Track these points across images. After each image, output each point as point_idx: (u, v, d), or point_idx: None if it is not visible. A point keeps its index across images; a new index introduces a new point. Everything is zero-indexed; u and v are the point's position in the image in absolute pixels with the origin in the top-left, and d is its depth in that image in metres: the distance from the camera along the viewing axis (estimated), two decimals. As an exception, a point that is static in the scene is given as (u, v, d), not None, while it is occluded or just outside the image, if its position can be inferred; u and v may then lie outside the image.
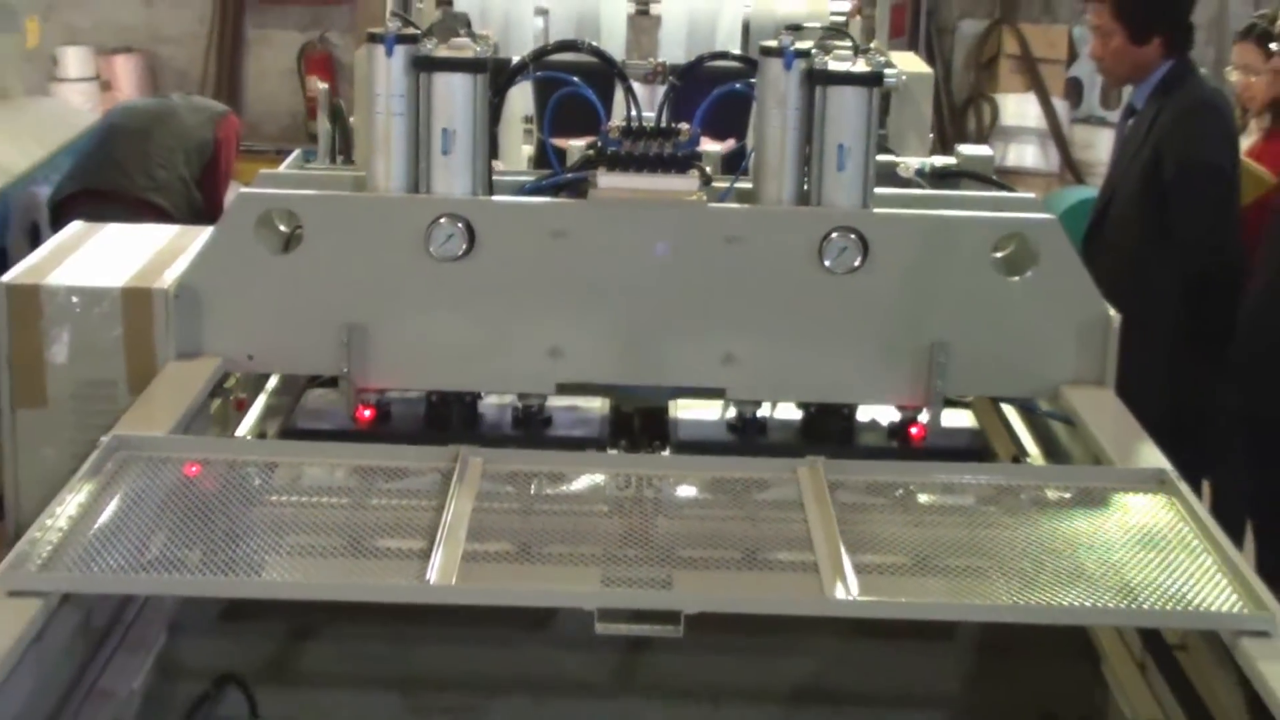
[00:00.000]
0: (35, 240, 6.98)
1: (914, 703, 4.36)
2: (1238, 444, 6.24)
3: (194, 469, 3.91)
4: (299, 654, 4.39)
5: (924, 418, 4.67)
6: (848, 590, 3.43)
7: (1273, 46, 6.13)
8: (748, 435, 4.75)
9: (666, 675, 4.33)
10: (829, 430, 4.72)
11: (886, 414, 4.80)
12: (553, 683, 4.33)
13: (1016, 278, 4.59)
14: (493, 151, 4.78)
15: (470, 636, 4.30)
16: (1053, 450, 4.65)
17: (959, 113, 14.54)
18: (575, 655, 4.29)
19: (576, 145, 4.85)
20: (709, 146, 4.83)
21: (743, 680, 4.34)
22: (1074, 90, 14.52)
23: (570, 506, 3.90)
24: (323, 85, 6.60)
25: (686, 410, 4.85)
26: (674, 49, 5.66)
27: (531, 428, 4.73)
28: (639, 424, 4.89)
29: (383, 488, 3.92)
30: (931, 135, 6.88)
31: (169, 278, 4.77)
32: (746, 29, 5.77)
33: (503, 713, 4.33)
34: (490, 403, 4.83)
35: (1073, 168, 14.08)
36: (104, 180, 8.24)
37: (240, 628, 4.30)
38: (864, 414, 4.80)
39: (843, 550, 3.57)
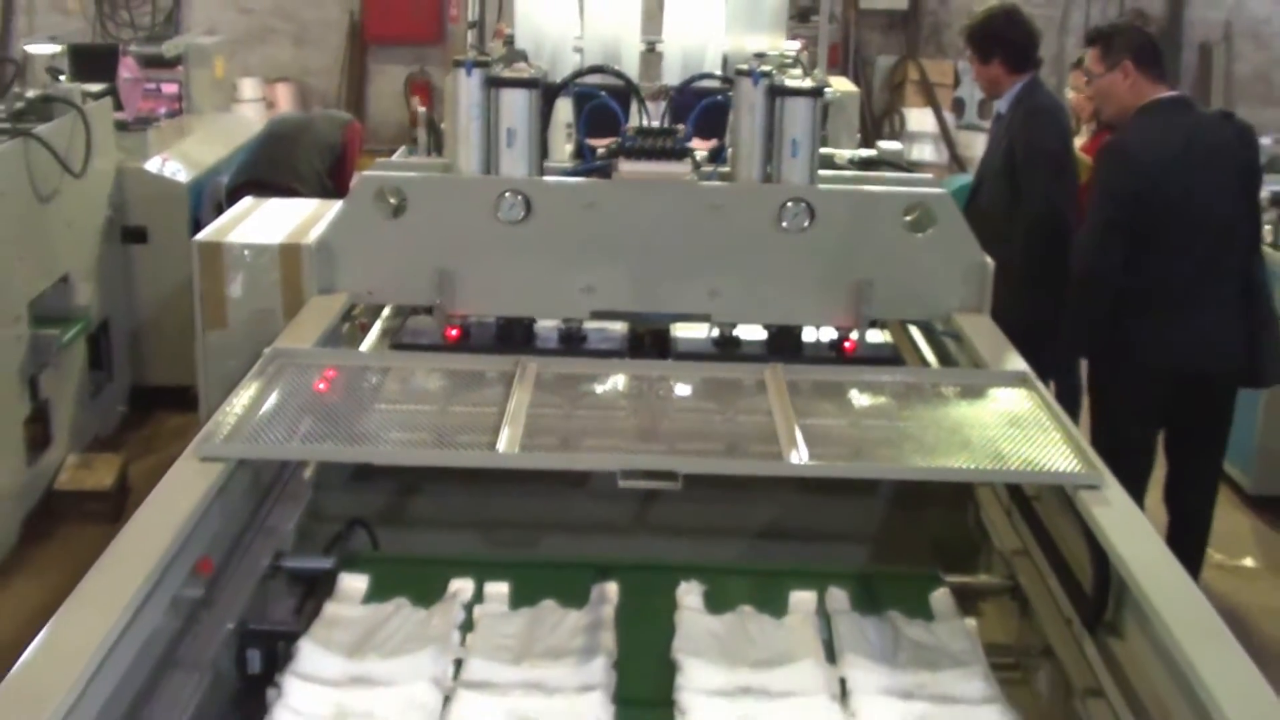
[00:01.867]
0: (219, 215, 6.96)
1: (845, 539, 4.36)
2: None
3: (331, 372, 3.89)
4: (406, 504, 4.38)
5: (854, 335, 4.65)
6: (800, 457, 3.41)
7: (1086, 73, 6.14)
8: (727, 348, 4.73)
9: (669, 520, 4.32)
10: (786, 345, 4.70)
11: (827, 334, 4.77)
12: (587, 525, 4.32)
13: (920, 234, 4.59)
14: (543, 148, 4.76)
15: (527, 492, 4.30)
16: (945, 358, 4.63)
17: (877, 121, 14.57)
18: (603, 505, 4.28)
19: (603, 143, 4.83)
20: (698, 145, 4.81)
21: (724, 523, 4.34)
22: (958, 106, 14.54)
23: (600, 398, 3.88)
24: (421, 109, 6.58)
25: (683, 331, 4.83)
26: (672, 76, 5.66)
27: (571, 343, 4.73)
28: (649, 341, 4.89)
29: (464, 385, 3.90)
30: (858, 136, 6.89)
31: (312, 236, 4.76)
32: (725, 60, 5.77)
33: (551, 546, 4.33)
34: (542, 325, 4.82)
35: (958, 161, 14.08)
36: (263, 173, 8.24)
37: (365, 485, 4.30)
38: (809, 334, 4.78)
39: (796, 429, 3.55)
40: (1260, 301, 5.58)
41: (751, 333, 4.79)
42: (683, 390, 3.97)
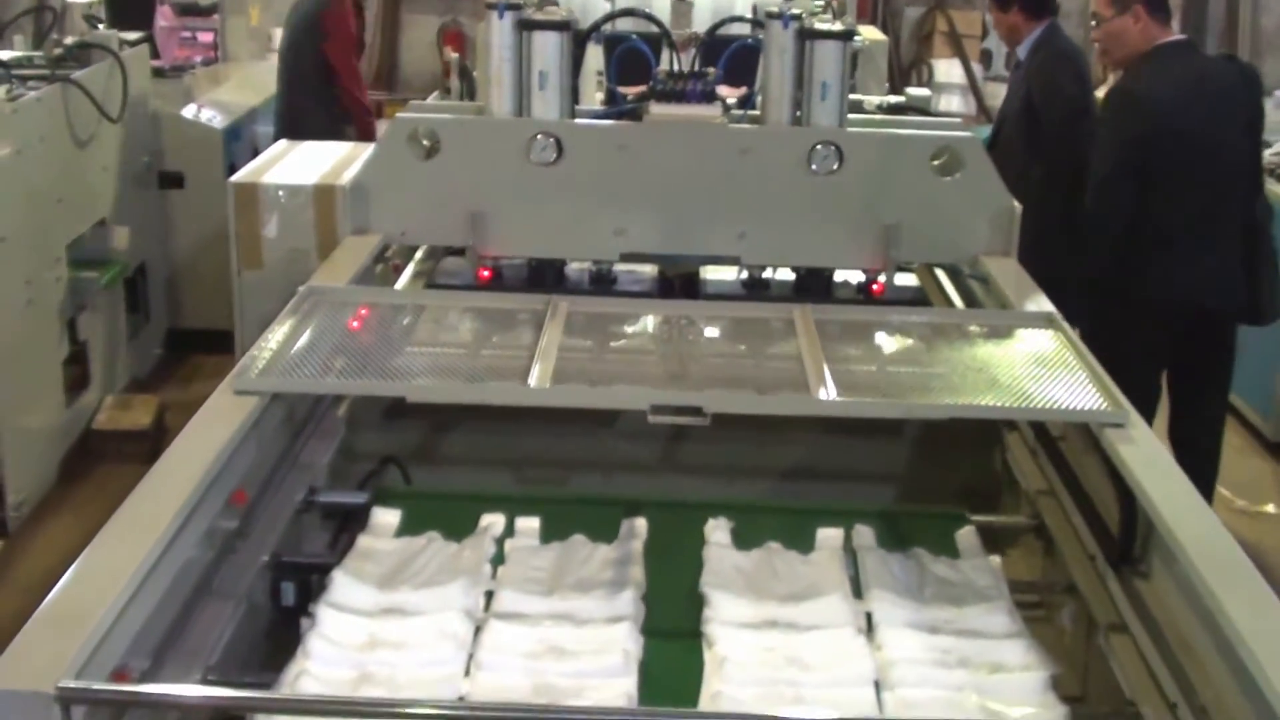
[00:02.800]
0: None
1: (872, 479, 4.34)
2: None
3: (364, 310, 3.88)
4: (439, 442, 4.38)
5: (882, 278, 4.63)
6: (828, 395, 3.39)
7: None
8: (756, 290, 4.72)
9: (697, 459, 4.31)
10: (814, 287, 4.68)
11: (855, 277, 4.75)
12: (616, 464, 4.32)
13: (948, 178, 4.57)
14: (575, 93, 4.73)
15: (558, 431, 4.29)
16: (972, 301, 4.60)
17: (905, 72, 14.45)
18: (632, 444, 4.27)
19: (633, 91, 4.80)
20: (728, 93, 4.78)
21: (751, 463, 4.33)
22: (986, 57, 14.43)
23: (630, 336, 3.87)
24: (454, 55, 6.57)
25: (712, 274, 4.83)
26: (702, 26, 5.64)
27: (602, 285, 4.72)
28: (678, 285, 4.87)
29: (496, 323, 3.88)
30: (886, 86, 6.87)
31: (346, 177, 4.76)
32: (755, 10, 5.74)
33: (581, 483, 4.32)
34: (572, 267, 4.81)
35: (986, 112, 13.94)
36: None
37: (397, 423, 4.29)
38: (838, 277, 4.76)
39: (825, 368, 3.53)
40: (1262, 240, 5.63)
41: (780, 276, 4.78)
42: (712, 329, 3.95)
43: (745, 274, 4.75)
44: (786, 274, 4.78)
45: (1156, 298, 5.53)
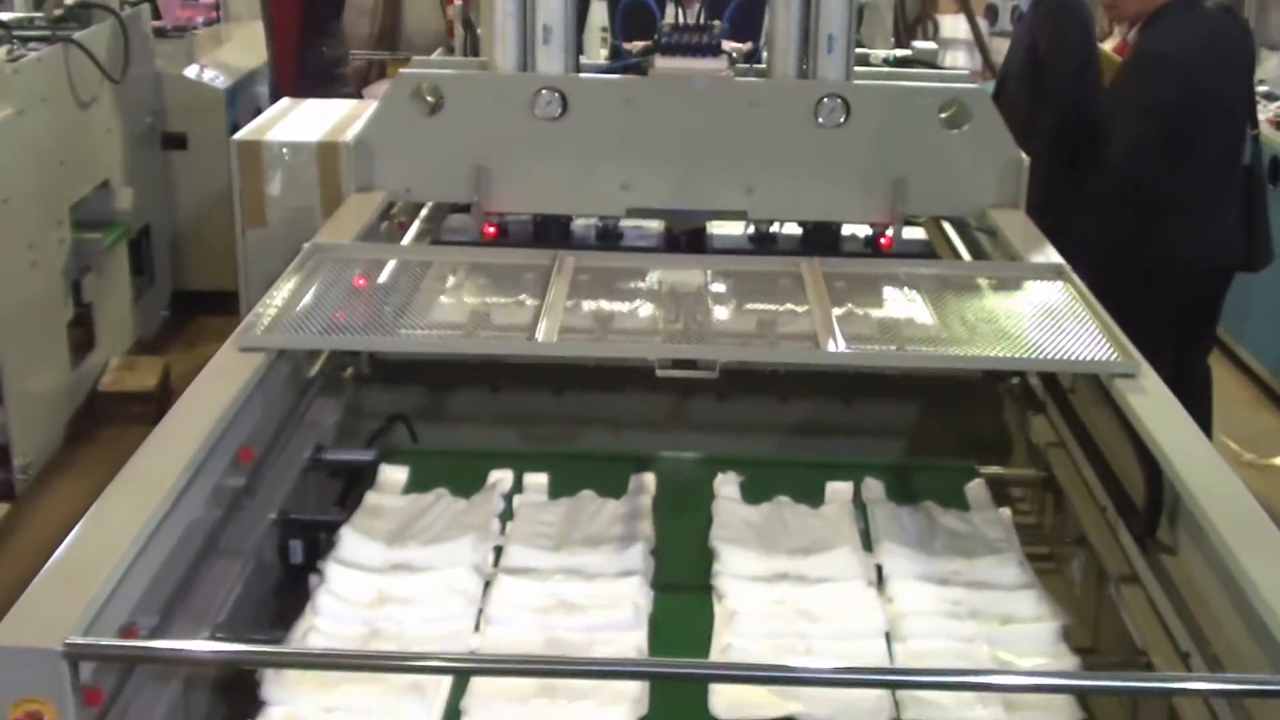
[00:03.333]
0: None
1: (879, 434, 4.32)
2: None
3: (369, 265, 3.86)
4: (446, 400, 4.36)
5: (890, 232, 4.59)
6: (836, 346, 3.37)
7: None
8: (763, 245, 4.70)
9: (705, 415, 4.29)
10: (821, 241, 4.65)
11: (863, 231, 4.72)
12: (625, 420, 4.30)
13: (956, 130, 4.53)
14: (579, 49, 4.70)
15: (566, 388, 4.27)
16: (980, 254, 4.57)
17: (911, 27, 14.35)
18: (640, 400, 4.25)
19: (638, 46, 4.76)
20: (734, 45, 4.75)
21: (760, 419, 4.31)
22: (991, 13, 14.34)
23: (637, 290, 3.84)
24: (458, 2, 6.52)
25: (719, 229, 4.80)
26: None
27: (608, 240, 4.69)
28: (685, 241, 4.85)
29: (502, 278, 3.86)
30: (892, 41, 6.83)
31: (350, 134, 4.72)
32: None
33: (589, 440, 4.30)
34: (579, 224, 4.78)
35: (991, 68, 13.84)
36: None
37: (405, 381, 4.27)
38: (846, 231, 4.73)
39: (833, 319, 3.51)
40: (1258, 187, 5.66)
41: (787, 231, 4.75)
42: (719, 283, 3.92)
43: (752, 229, 4.71)
44: (793, 229, 4.74)
45: (1172, 258, 5.51)
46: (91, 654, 2.24)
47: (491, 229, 4.59)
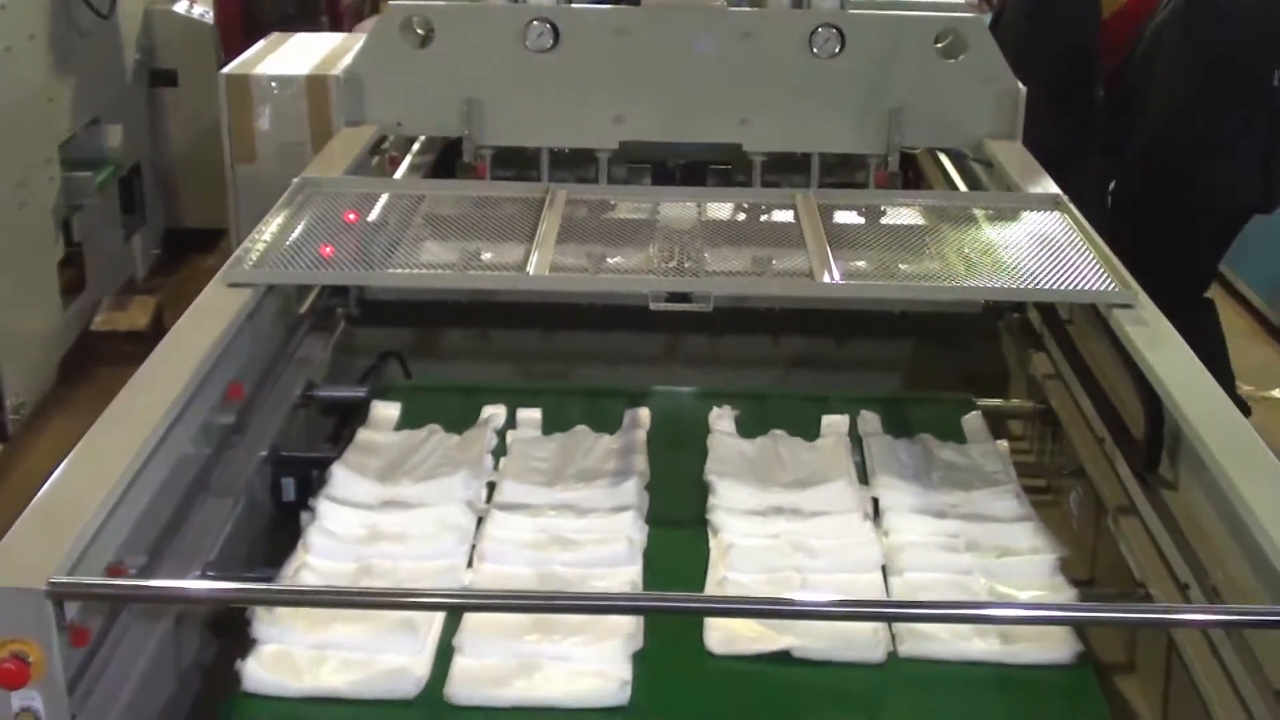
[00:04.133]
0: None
1: (876, 368, 4.29)
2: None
3: (360, 200, 3.81)
4: (439, 337, 4.33)
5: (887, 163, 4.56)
6: (832, 279, 3.33)
7: None
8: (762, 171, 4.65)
9: (700, 351, 4.27)
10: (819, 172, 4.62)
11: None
12: (619, 357, 4.27)
13: (952, 60, 4.49)
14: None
15: (559, 323, 4.24)
16: (976, 186, 4.52)
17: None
18: (634, 336, 4.22)
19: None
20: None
21: (755, 355, 4.28)
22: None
23: (630, 224, 3.79)
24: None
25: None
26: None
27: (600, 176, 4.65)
28: (679, 176, 4.81)
29: (494, 212, 3.80)
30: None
31: (340, 68, 4.66)
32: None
33: (586, 375, 4.27)
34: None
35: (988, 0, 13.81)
36: None
37: (397, 318, 4.23)
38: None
39: (829, 252, 3.47)
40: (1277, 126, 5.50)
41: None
42: (714, 215, 3.88)
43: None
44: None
45: (1210, 204, 5.45)
46: (76, 593, 2.21)
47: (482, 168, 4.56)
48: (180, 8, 7.71)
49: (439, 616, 2.64)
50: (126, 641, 2.46)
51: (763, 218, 3.87)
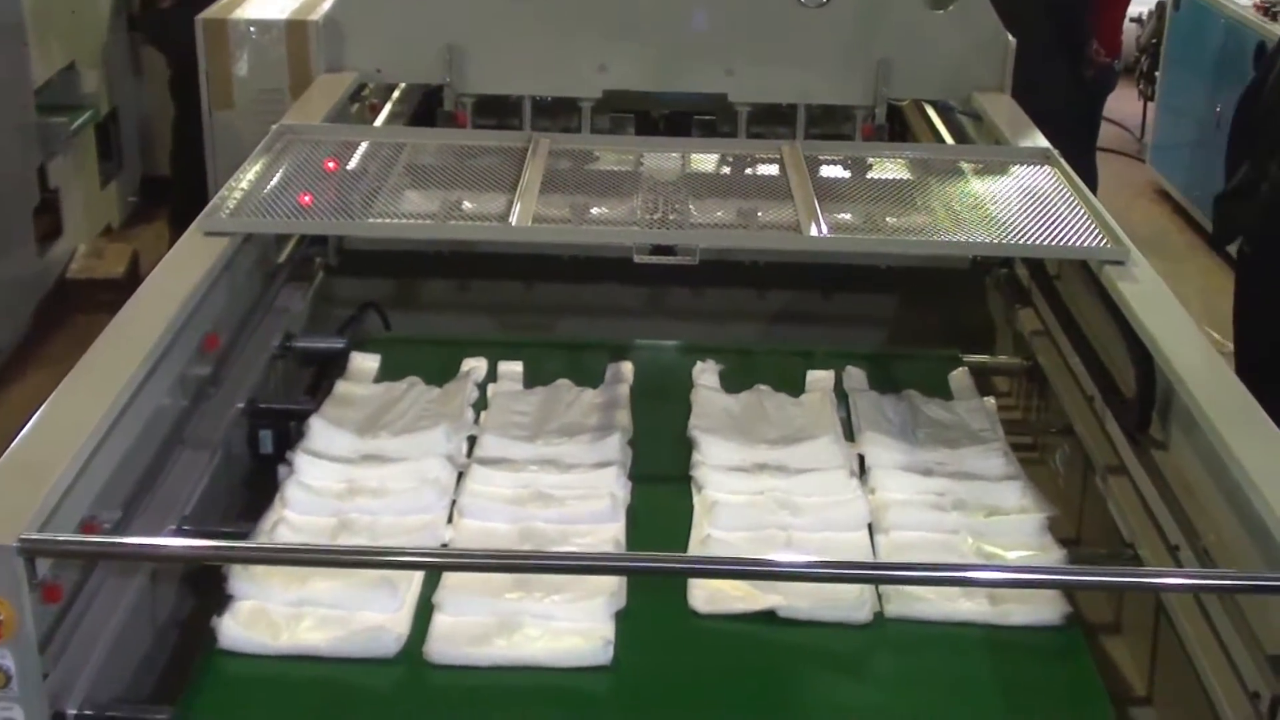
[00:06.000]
0: None
1: (862, 323, 4.25)
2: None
3: (340, 149, 3.74)
4: (419, 288, 4.27)
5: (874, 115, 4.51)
6: (819, 231, 3.28)
7: None
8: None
9: (684, 304, 4.21)
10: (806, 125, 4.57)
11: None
12: (602, 310, 4.22)
13: (941, 11, 4.43)
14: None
15: (541, 275, 4.18)
16: (963, 140, 4.48)
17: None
18: (618, 290, 4.16)
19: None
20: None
21: (740, 309, 4.23)
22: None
23: (615, 174, 3.74)
24: None
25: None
26: None
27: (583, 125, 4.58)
28: (663, 127, 4.75)
29: (476, 162, 3.74)
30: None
31: (320, 12, 4.59)
32: None
33: (567, 328, 4.23)
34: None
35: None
36: None
37: (377, 269, 4.16)
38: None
39: (815, 204, 3.42)
40: None
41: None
42: (699, 167, 3.83)
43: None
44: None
45: None
46: (48, 550, 2.15)
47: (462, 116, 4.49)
48: (158, -50, 7.59)
49: (418, 574, 2.60)
50: (100, 598, 2.42)
51: (748, 170, 3.82)
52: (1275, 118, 4.49)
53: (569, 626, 2.48)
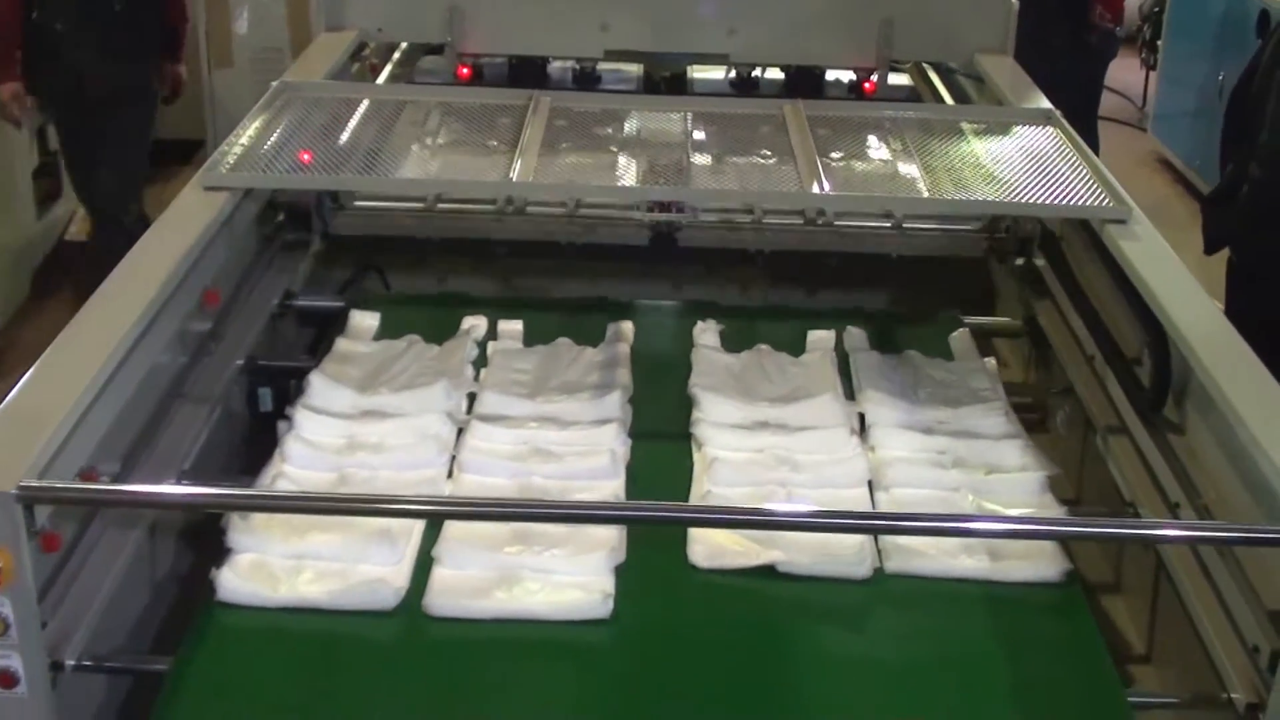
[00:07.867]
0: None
1: (867, 289, 4.21)
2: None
3: (340, 105, 3.72)
4: (420, 248, 4.22)
5: (875, 77, 4.47)
6: (821, 187, 3.27)
7: None
8: (745, 90, 4.57)
9: (685, 265, 4.18)
10: (805, 86, 4.53)
11: (846, 77, 4.63)
12: (603, 270, 4.19)
13: None
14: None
15: (542, 235, 4.15)
16: (966, 100, 4.45)
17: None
18: (619, 249, 4.13)
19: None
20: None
21: (739, 270, 4.20)
22: None
23: (616, 132, 3.71)
24: None
25: (699, 73, 4.67)
26: None
27: (585, 83, 4.56)
28: (664, 87, 4.72)
29: (478, 119, 3.72)
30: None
31: (321, -31, 4.57)
32: None
33: (565, 290, 4.19)
34: (555, 66, 4.64)
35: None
36: None
37: (377, 228, 4.13)
38: (829, 76, 4.63)
39: (818, 162, 3.40)
40: None
41: (769, 76, 4.64)
42: (700, 126, 3.81)
43: (733, 74, 4.59)
44: (776, 74, 4.62)
45: None
46: (46, 497, 2.15)
47: (465, 70, 4.46)
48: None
49: (418, 527, 2.60)
50: (99, 549, 2.41)
51: (750, 128, 3.79)
52: (1256, 118, 4.36)
53: (569, 580, 2.48)
